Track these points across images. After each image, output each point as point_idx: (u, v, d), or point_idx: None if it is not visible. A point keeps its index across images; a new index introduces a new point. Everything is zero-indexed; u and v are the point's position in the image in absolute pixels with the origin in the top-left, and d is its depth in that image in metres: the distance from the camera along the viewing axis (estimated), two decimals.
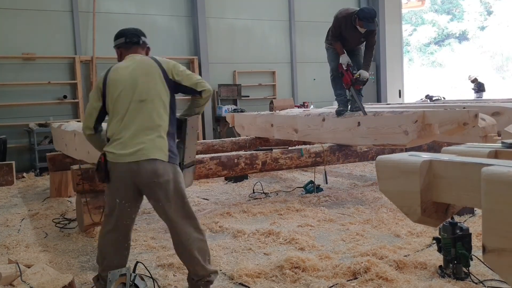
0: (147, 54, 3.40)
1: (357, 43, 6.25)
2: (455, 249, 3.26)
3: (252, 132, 8.15)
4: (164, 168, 2.98)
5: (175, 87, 3.17)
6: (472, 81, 15.57)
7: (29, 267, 3.37)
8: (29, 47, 9.88)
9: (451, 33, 33.57)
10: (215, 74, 11.93)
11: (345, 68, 6.01)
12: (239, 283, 3.39)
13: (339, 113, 6.07)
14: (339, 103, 6.31)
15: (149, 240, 4.53)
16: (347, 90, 6.20)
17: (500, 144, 1.75)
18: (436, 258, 3.59)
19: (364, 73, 5.91)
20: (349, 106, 6.23)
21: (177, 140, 3.28)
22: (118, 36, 3.35)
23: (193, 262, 3.05)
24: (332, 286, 3.23)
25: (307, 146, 6.33)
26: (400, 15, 15.30)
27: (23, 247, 4.49)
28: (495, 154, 1.69)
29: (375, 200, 5.78)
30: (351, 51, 6.35)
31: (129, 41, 3.30)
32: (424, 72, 31.83)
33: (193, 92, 3.24)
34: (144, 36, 3.40)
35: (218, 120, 11.78)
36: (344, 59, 6.05)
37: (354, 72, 5.97)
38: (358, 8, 6.08)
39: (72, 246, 4.54)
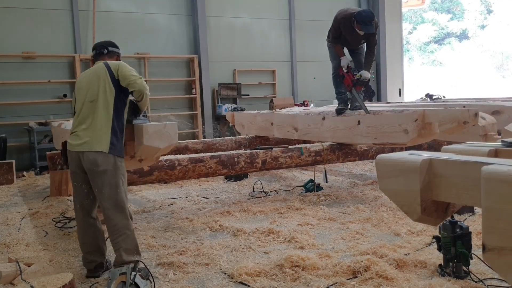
0: (116, 61, 3.94)
1: (358, 44, 6.25)
2: (455, 248, 3.26)
3: (252, 131, 8.15)
4: (103, 159, 3.49)
5: (120, 86, 3.65)
6: None
7: (29, 266, 3.37)
8: (29, 46, 9.87)
9: (451, 32, 33.52)
10: (215, 73, 11.93)
11: (345, 71, 6.00)
12: (239, 282, 3.39)
13: (339, 111, 6.07)
14: (340, 101, 6.32)
15: (149, 239, 4.53)
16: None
17: (500, 143, 1.76)
18: (436, 257, 3.60)
19: (365, 74, 5.90)
20: (349, 105, 6.23)
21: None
22: (92, 49, 4.05)
23: (115, 247, 3.50)
24: (332, 284, 3.24)
25: (307, 145, 6.34)
26: (400, 14, 15.29)
27: (23, 245, 4.49)
28: (495, 153, 1.69)
29: (375, 199, 5.78)
30: (352, 50, 6.36)
31: (98, 52, 3.93)
32: (424, 71, 31.78)
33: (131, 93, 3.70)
34: (113, 46, 4.02)
35: (218, 118, 11.78)
36: (344, 61, 6.05)
37: (355, 73, 5.96)
38: (357, 9, 6.04)
39: (72, 244, 4.54)
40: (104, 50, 3.93)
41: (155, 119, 10.86)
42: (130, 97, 3.80)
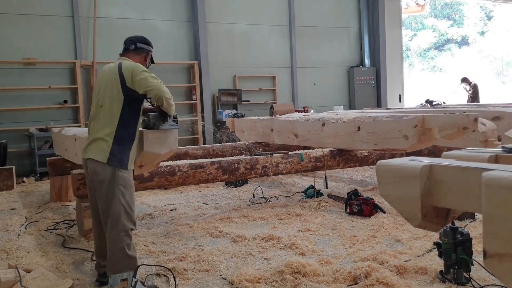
0: (145, 59, 3.72)
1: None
2: (455, 254, 3.25)
3: (252, 137, 8.15)
4: (102, 168, 3.32)
5: (132, 94, 3.42)
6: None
7: (29, 272, 3.37)
8: (30, 52, 9.90)
9: (451, 38, 33.59)
10: (215, 79, 11.95)
11: None
12: None
13: None
14: None
15: (149, 245, 4.52)
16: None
17: (501, 149, 1.75)
18: (436, 263, 3.59)
19: None
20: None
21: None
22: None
23: (108, 258, 3.35)
24: None
25: (308, 151, 6.33)
26: (400, 20, 15.34)
27: (23, 252, 4.48)
28: (496, 159, 1.69)
29: None
30: None
31: (125, 47, 3.69)
32: (424, 77, 31.83)
33: (147, 98, 3.54)
34: (143, 42, 3.70)
35: (218, 124, 11.79)
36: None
37: None
38: None
39: (72, 251, 4.53)
40: (132, 45, 3.65)
41: None
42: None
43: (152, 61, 3.81)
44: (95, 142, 3.39)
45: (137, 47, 3.65)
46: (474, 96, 14.78)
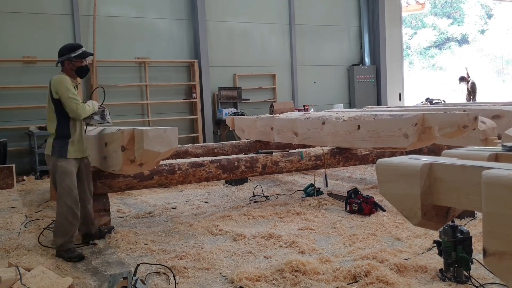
0: (69, 66, 4.40)
1: None
2: (455, 253, 3.26)
3: (252, 136, 8.15)
4: (48, 160, 4.36)
5: (58, 103, 4.29)
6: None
7: (29, 271, 3.37)
8: (30, 50, 9.89)
9: (451, 37, 33.58)
10: (215, 77, 11.94)
11: None
12: (239, 287, 3.38)
13: None
14: None
15: (149, 244, 4.52)
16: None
17: (501, 147, 1.76)
18: (436, 261, 3.59)
19: None
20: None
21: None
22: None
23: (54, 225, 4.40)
24: None
25: (308, 149, 6.33)
26: (400, 18, 15.33)
27: (23, 250, 4.48)
28: (496, 157, 1.69)
29: None
30: None
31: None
32: (424, 75, 31.83)
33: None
34: (61, 54, 4.42)
35: (219, 123, 11.79)
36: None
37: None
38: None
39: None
40: (57, 64, 4.48)
41: (156, 123, 10.88)
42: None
43: (83, 56, 4.45)
44: (48, 140, 4.42)
45: (58, 61, 4.44)
46: (472, 94, 14.84)
